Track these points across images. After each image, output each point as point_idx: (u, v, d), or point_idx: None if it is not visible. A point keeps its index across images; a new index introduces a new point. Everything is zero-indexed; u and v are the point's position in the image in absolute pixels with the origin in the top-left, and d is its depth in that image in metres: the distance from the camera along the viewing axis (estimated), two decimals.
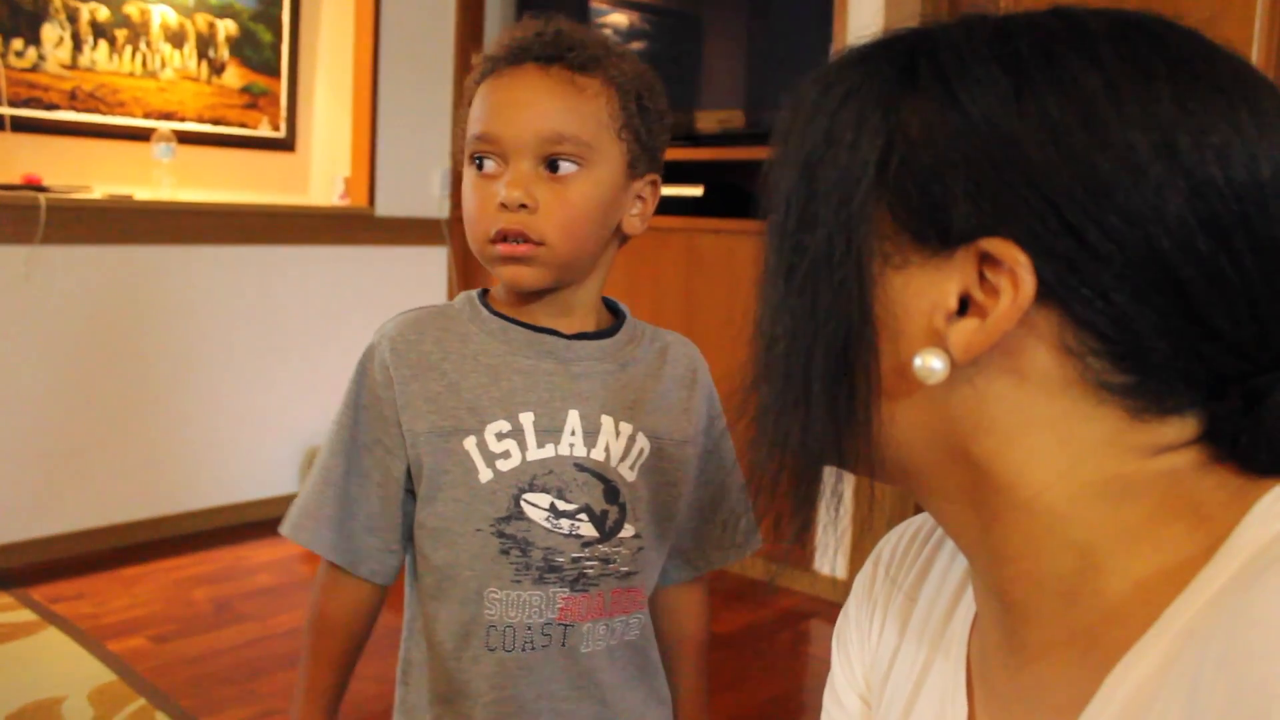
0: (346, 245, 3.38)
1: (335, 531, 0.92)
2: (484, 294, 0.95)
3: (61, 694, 2.02)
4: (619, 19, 3.37)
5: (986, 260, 0.44)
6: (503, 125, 0.85)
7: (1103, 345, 0.44)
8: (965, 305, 0.45)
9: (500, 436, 0.88)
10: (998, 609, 0.51)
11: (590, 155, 0.86)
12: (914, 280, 0.46)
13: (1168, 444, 0.45)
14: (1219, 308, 0.43)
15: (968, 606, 0.57)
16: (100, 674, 2.12)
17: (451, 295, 3.65)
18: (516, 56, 0.87)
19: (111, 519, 2.92)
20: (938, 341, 0.46)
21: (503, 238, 0.85)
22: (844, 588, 2.72)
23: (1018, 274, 0.43)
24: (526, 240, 0.85)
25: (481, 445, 0.88)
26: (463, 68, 3.63)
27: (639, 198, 0.92)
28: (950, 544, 0.61)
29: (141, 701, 2.01)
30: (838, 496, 0.54)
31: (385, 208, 3.46)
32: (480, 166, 0.87)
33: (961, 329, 0.45)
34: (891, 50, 0.48)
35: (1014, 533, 0.48)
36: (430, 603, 0.91)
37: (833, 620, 2.69)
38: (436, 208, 3.61)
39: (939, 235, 0.45)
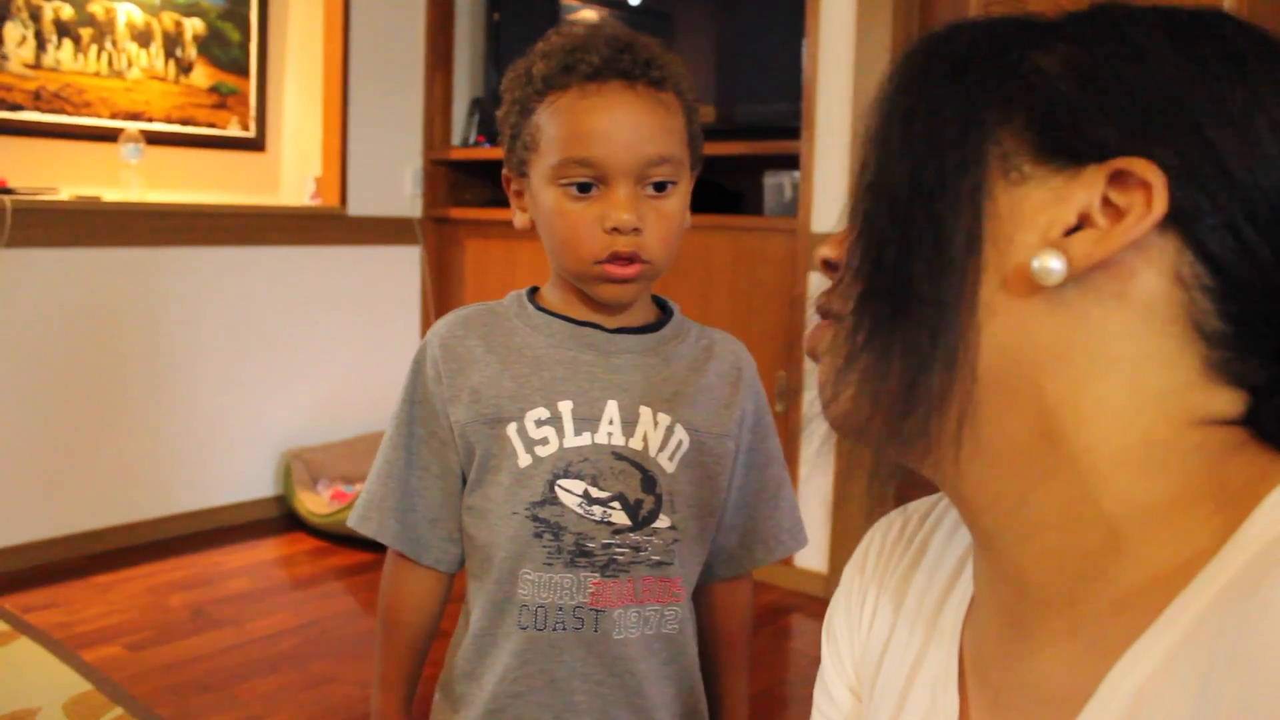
0: (319, 245, 3.35)
1: (399, 521, 0.96)
2: (532, 292, 0.99)
3: (35, 705, 1.99)
4: (589, 15, 3.35)
5: (1115, 180, 0.46)
6: (606, 150, 0.87)
7: (1215, 281, 0.45)
8: (1079, 227, 0.47)
9: (539, 423, 0.91)
10: (1007, 593, 0.51)
11: (680, 170, 0.91)
12: (1031, 195, 0.47)
13: (1214, 415, 0.46)
14: None
15: (961, 595, 0.57)
16: (75, 684, 2.10)
17: (425, 295, 3.63)
18: (600, 74, 0.88)
19: (84, 526, 2.88)
20: (1052, 247, 0.47)
21: (614, 259, 0.88)
22: (825, 582, 2.73)
23: (1154, 189, 0.44)
24: (638, 260, 0.89)
25: (522, 431, 0.91)
26: (433, 65, 3.62)
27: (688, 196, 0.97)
28: (942, 532, 0.61)
29: (118, 710, 1.99)
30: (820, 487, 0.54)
31: (357, 207, 3.44)
32: (582, 190, 0.89)
33: (1081, 238, 0.46)
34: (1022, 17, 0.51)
35: (1054, 497, 0.48)
36: (472, 583, 0.96)
37: (814, 614, 2.71)
38: (409, 207, 3.59)
39: (1069, 152, 0.47)
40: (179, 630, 2.43)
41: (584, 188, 0.88)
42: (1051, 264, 0.46)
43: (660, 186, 0.89)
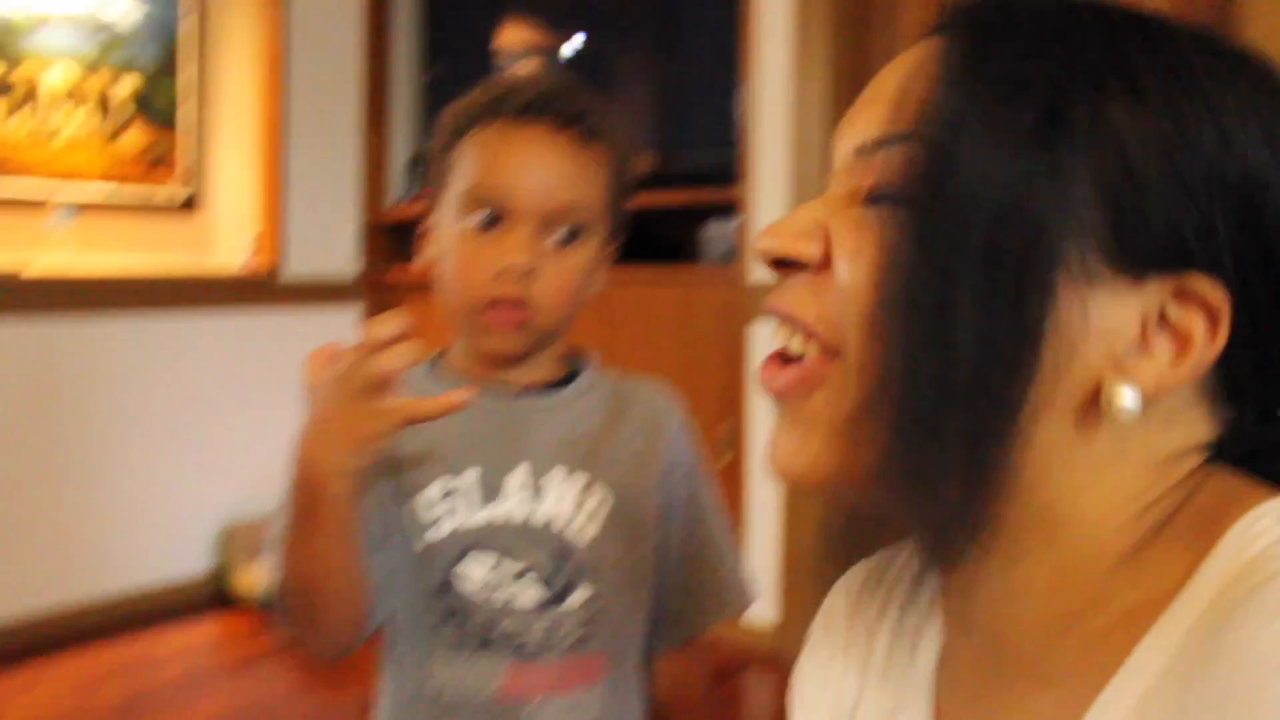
0: (253, 313, 3.29)
1: None
2: (440, 355, 0.94)
3: None
4: (525, 68, 3.36)
5: (1179, 294, 0.41)
6: (512, 186, 0.84)
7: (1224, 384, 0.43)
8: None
9: (444, 495, 0.85)
10: (981, 648, 0.48)
11: (590, 226, 0.87)
12: (1097, 300, 0.41)
13: (1181, 447, 0.43)
14: None
15: (929, 645, 0.54)
16: None
17: None
18: (526, 111, 0.85)
19: (4, 615, 2.73)
20: (1120, 370, 0.41)
21: (496, 305, 0.84)
22: (780, 633, 2.67)
23: (1220, 315, 0.40)
24: (523, 308, 0.84)
25: (425, 505, 0.85)
26: (371, 124, 3.60)
27: (601, 259, 0.92)
28: (906, 585, 0.58)
29: None
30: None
31: (295, 267, 3.39)
32: (483, 225, 0.85)
33: (1147, 368, 0.40)
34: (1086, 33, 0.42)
35: (1044, 566, 0.44)
36: (385, 671, 0.88)
37: (766, 670, 2.63)
38: (346, 269, 3.56)
39: (1141, 258, 0.40)
40: None
41: (484, 224, 0.85)
42: (1127, 398, 0.40)
43: (564, 239, 0.86)
